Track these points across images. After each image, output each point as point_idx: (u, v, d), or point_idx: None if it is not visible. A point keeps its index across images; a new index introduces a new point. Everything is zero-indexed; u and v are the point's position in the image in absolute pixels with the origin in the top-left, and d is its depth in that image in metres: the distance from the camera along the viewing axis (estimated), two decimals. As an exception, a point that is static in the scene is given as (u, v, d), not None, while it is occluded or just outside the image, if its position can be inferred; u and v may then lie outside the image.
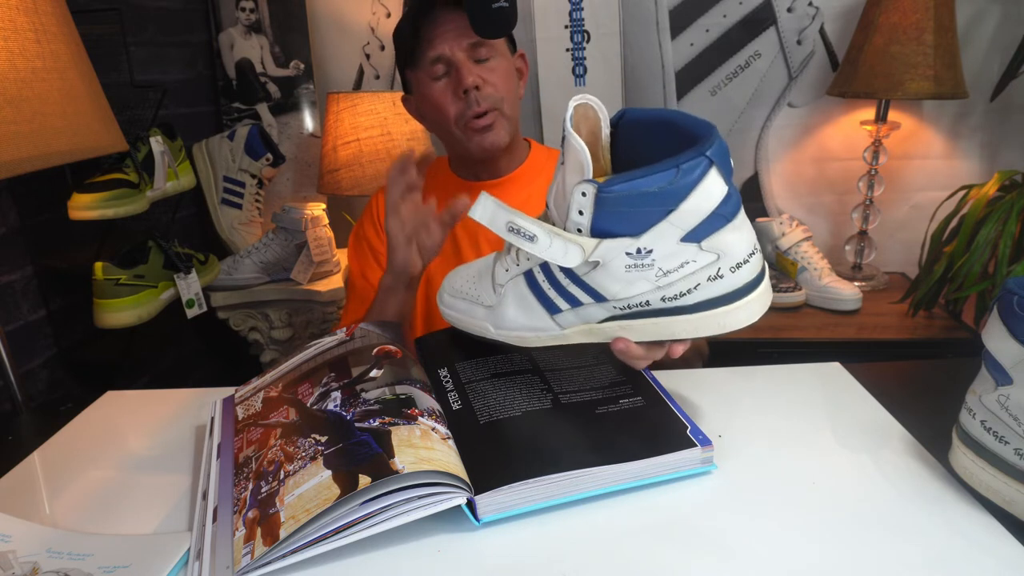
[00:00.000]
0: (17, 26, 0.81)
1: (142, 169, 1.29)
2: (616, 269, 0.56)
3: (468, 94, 0.90)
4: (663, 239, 0.53)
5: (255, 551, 0.51)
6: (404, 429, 0.57)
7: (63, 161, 0.86)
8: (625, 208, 0.52)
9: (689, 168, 0.50)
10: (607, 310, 0.59)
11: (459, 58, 0.90)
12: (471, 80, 0.89)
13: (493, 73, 0.92)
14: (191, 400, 0.81)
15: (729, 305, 0.56)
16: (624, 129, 0.60)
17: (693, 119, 0.54)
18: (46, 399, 1.27)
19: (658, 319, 0.58)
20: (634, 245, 0.54)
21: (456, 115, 0.92)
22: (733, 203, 0.53)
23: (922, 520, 0.56)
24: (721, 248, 0.54)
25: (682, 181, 0.51)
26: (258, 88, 1.81)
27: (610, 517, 0.57)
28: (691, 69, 1.73)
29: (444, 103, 0.92)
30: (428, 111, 0.97)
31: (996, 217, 1.32)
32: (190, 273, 1.42)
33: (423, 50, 0.91)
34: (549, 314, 0.62)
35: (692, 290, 0.55)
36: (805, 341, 1.45)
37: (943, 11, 1.41)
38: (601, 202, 0.53)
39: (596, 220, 0.54)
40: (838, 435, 0.68)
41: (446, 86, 0.92)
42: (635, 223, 0.53)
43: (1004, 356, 0.54)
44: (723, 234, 0.53)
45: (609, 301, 0.58)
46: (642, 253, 0.54)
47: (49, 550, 0.55)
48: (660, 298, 0.56)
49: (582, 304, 0.60)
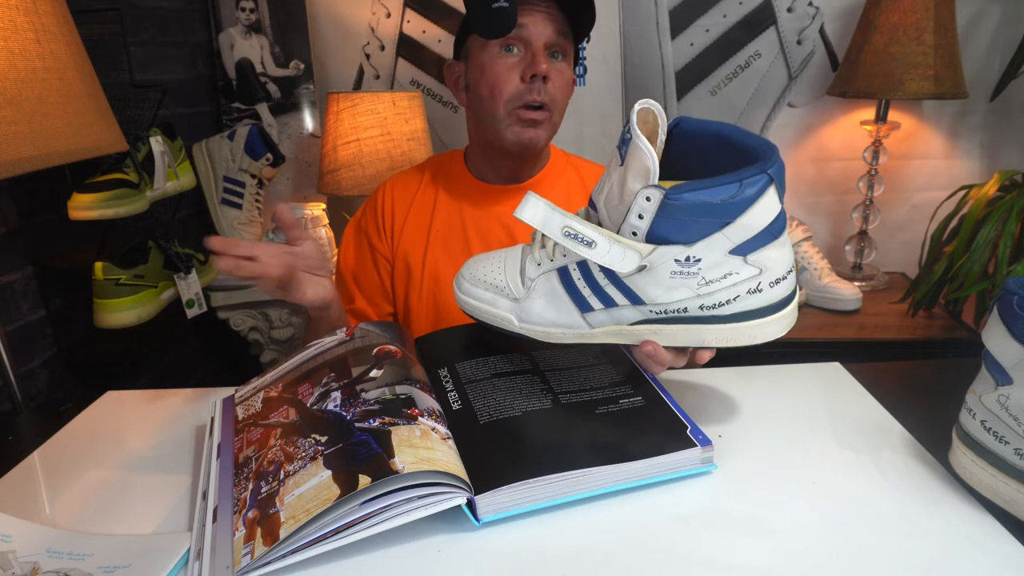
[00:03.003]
0: (17, 26, 0.81)
1: (142, 169, 1.29)
2: (661, 275, 0.56)
3: (534, 80, 0.88)
4: (713, 250, 0.54)
5: (255, 551, 0.51)
6: (404, 429, 0.57)
7: (63, 161, 0.86)
8: (685, 217, 0.53)
9: (751, 183, 0.51)
10: (642, 313, 0.59)
11: (540, 44, 0.89)
12: (544, 68, 0.87)
13: (561, 75, 0.91)
14: (191, 400, 0.81)
15: (762, 319, 0.57)
16: (678, 137, 0.60)
17: (752, 136, 0.55)
18: (46, 399, 1.27)
19: (691, 326, 0.58)
20: (685, 253, 0.54)
21: (512, 95, 0.89)
22: (781, 221, 0.54)
23: (922, 520, 0.56)
24: (764, 263, 0.54)
25: (742, 196, 0.52)
26: (258, 88, 1.81)
27: (610, 517, 0.57)
28: (691, 69, 1.73)
29: (506, 79, 0.89)
30: (480, 82, 0.92)
31: (996, 217, 1.33)
32: (190, 273, 1.42)
33: None
34: (580, 312, 0.62)
35: (731, 301, 0.56)
36: (805, 341, 1.45)
37: (943, 11, 1.42)
38: (664, 208, 0.53)
39: (654, 226, 0.54)
40: (838, 435, 0.68)
41: (514, 64, 0.89)
42: (691, 232, 0.54)
43: (1004, 356, 0.54)
44: (769, 250, 0.54)
45: (647, 305, 0.58)
46: (691, 261, 0.55)
47: (49, 550, 0.55)
48: (699, 306, 0.57)
49: (617, 305, 0.60)
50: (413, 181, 1.02)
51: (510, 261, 0.67)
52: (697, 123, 0.59)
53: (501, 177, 0.98)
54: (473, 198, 0.98)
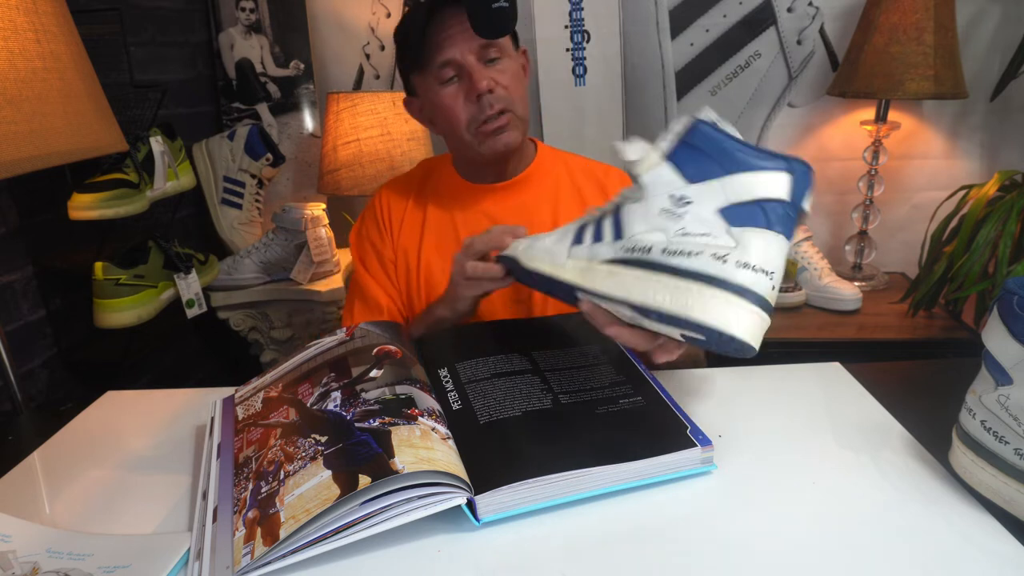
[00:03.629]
0: (17, 26, 0.81)
1: (142, 169, 1.29)
2: (653, 207, 0.57)
3: (481, 98, 0.88)
4: (706, 198, 0.55)
5: (255, 551, 0.51)
6: (404, 429, 0.57)
7: (63, 161, 0.86)
8: (701, 146, 0.55)
9: (768, 157, 0.54)
10: (614, 251, 0.60)
11: (470, 61, 0.88)
12: (485, 84, 0.87)
13: (504, 75, 0.90)
14: (191, 400, 0.81)
15: (711, 288, 0.53)
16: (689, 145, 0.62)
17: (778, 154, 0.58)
18: (46, 399, 1.27)
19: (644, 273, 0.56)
20: (681, 190, 0.56)
21: (468, 120, 0.90)
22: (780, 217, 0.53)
23: (922, 520, 0.56)
24: (743, 240, 0.53)
25: (755, 160, 0.54)
26: (258, 88, 1.81)
27: (610, 517, 0.57)
28: (691, 69, 1.73)
29: (455, 108, 0.90)
30: (436, 116, 0.95)
31: (996, 217, 1.33)
32: (190, 273, 1.42)
33: (431, 54, 0.89)
34: (571, 244, 0.64)
35: (693, 254, 0.54)
36: (805, 341, 1.45)
37: (943, 11, 1.41)
38: (689, 134, 0.56)
39: (675, 150, 0.57)
40: (838, 435, 0.69)
41: (457, 91, 0.90)
42: (697, 168, 0.55)
43: (1004, 356, 0.54)
44: (754, 232, 0.53)
45: (623, 239, 0.59)
46: (682, 201, 0.56)
47: (49, 550, 0.55)
48: (662, 250, 0.56)
49: (601, 240, 0.61)
50: (405, 186, 1.03)
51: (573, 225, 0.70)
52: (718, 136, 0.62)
53: (488, 178, 0.99)
54: (462, 199, 0.98)
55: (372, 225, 1.03)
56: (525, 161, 1.00)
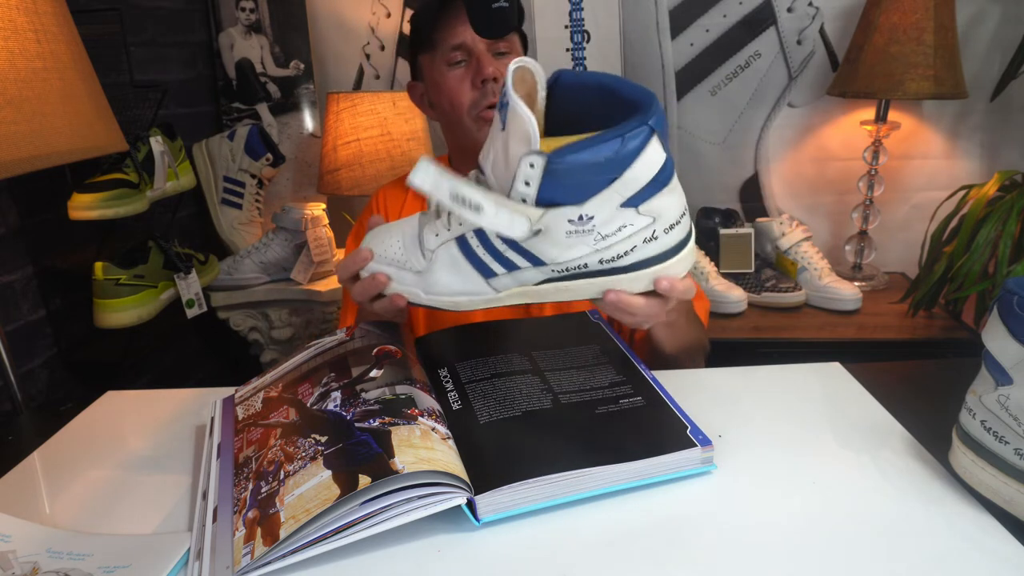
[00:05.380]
0: (17, 26, 0.81)
1: (142, 169, 1.29)
2: (557, 235, 0.56)
3: (486, 84, 0.90)
4: (605, 206, 0.54)
5: (255, 551, 0.51)
6: (404, 429, 0.57)
7: (63, 161, 0.86)
8: (572, 179, 0.53)
9: (632, 136, 0.51)
10: (544, 273, 0.59)
11: (480, 48, 0.90)
12: (491, 71, 0.89)
13: None
14: (191, 400, 0.81)
15: (662, 264, 0.58)
16: (559, 91, 0.60)
17: (631, 85, 0.55)
18: (46, 399, 1.27)
19: (594, 280, 0.59)
20: (577, 212, 0.54)
21: (470, 104, 0.92)
22: (668, 168, 0.54)
23: (922, 520, 0.56)
24: (657, 211, 0.55)
25: (626, 150, 0.51)
26: (258, 88, 1.81)
27: (610, 517, 0.57)
28: (691, 69, 1.73)
29: (459, 91, 0.92)
30: (439, 98, 0.96)
31: (996, 217, 1.32)
32: (190, 273, 1.42)
33: (443, 35, 0.91)
34: (484, 278, 0.62)
35: (629, 252, 0.57)
36: (805, 341, 1.45)
37: (943, 11, 1.41)
38: (550, 173, 0.53)
39: (542, 190, 0.54)
40: (838, 435, 0.69)
41: (463, 74, 0.92)
42: (580, 192, 0.54)
43: (1004, 356, 0.54)
44: (659, 198, 0.55)
45: (547, 265, 0.58)
46: (584, 220, 0.55)
47: (49, 550, 0.55)
48: (598, 260, 0.57)
49: (519, 268, 0.59)
50: (402, 188, 1.04)
51: (407, 233, 0.66)
52: (577, 76, 0.59)
53: None
54: None
55: None
56: None
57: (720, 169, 1.80)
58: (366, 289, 0.68)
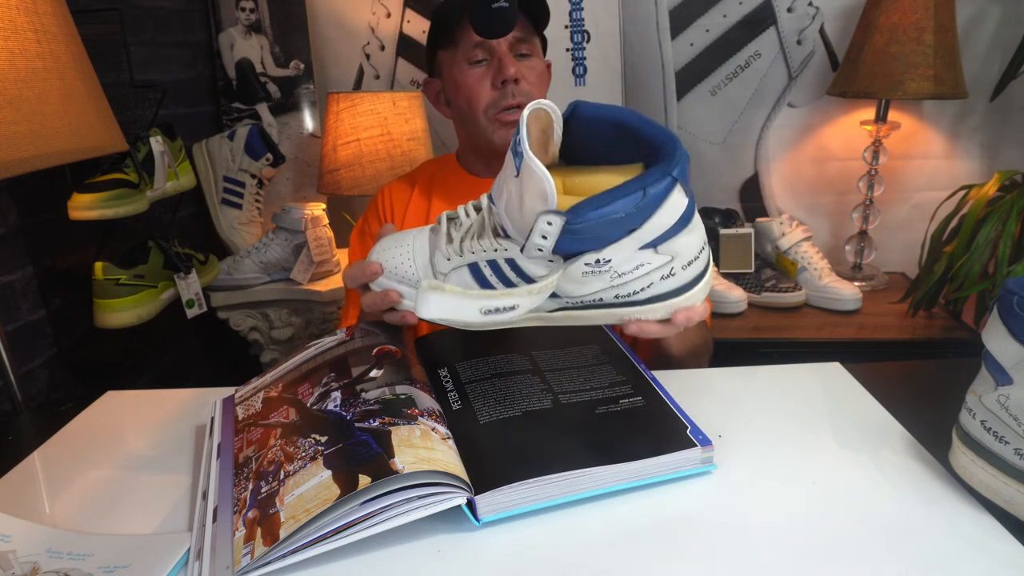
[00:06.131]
0: (17, 26, 0.81)
1: (142, 169, 1.29)
2: (573, 275, 0.56)
3: (506, 85, 0.90)
4: (623, 250, 0.54)
5: (255, 551, 0.51)
6: (404, 429, 0.57)
7: (63, 161, 0.86)
8: (592, 233, 0.52)
9: (654, 188, 0.50)
10: (558, 303, 0.59)
11: (502, 49, 0.90)
12: (513, 71, 0.89)
13: (531, 71, 0.93)
14: (191, 400, 0.81)
15: (678, 297, 0.58)
16: (575, 123, 0.58)
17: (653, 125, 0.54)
18: (46, 399, 1.27)
19: (609, 311, 0.59)
20: (595, 257, 0.55)
21: (488, 104, 0.92)
22: (690, 210, 0.53)
23: (922, 520, 0.56)
24: (675, 251, 0.55)
25: (647, 202, 0.51)
26: (258, 88, 1.81)
27: (610, 517, 0.57)
28: (691, 69, 1.73)
29: (478, 90, 0.92)
30: (456, 96, 0.96)
31: (996, 217, 1.32)
32: (190, 273, 1.42)
33: (466, 33, 0.91)
34: None
35: (645, 288, 0.57)
36: (805, 341, 1.45)
37: (943, 11, 1.41)
38: (568, 232, 0.52)
39: (560, 244, 0.53)
40: (838, 435, 0.68)
41: (483, 73, 0.92)
42: (600, 241, 0.53)
43: (1004, 356, 0.54)
44: (679, 239, 0.54)
45: (562, 298, 0.59)
46: (601, 263, 0.55)
47: (49, 550, 0.55)
48: (614, 296, 0.57)
49: None
50: (408, 185, 1.04)
51: (418, 251, 0.65)
52: (594, 108, 0.57)
53: (493, 172, 0.99)
54: (468, 193, 0.99)
55: (375, 221, 1.03)
56: None
57: (720, 169, 1.81)
58: (377, 303, 0.67)
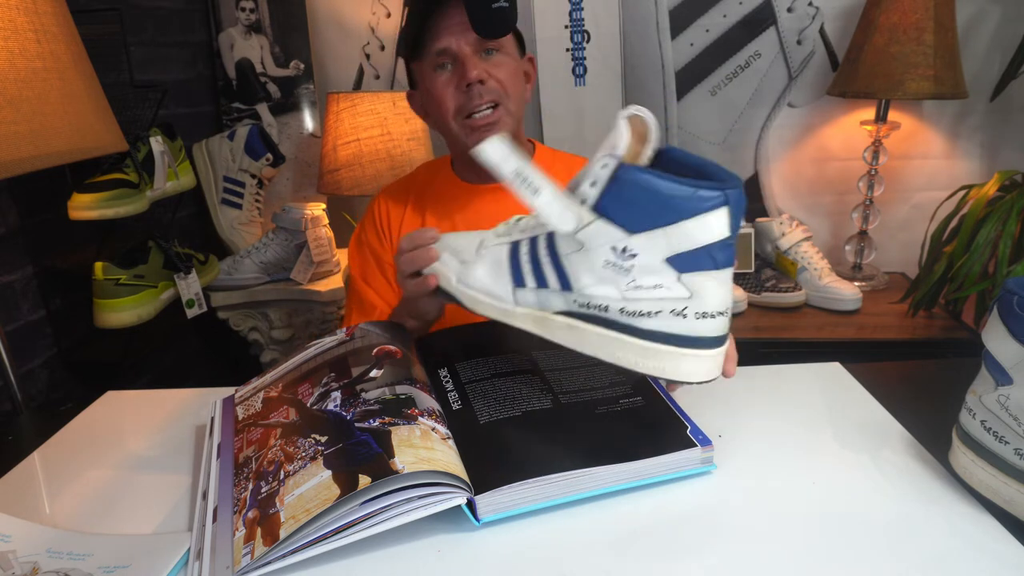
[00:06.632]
0: (17, 26, 0.81)
1: (142, 169, 1.29)
2: (596, 259, 0.55)
3: (471, 88, 0.89)
4: (650, 249, 0.53)
5: (255, 551, 0.51)
6: (404, 429, 0.57)
7: (63, 161, 0.86)
8: (632, 196, 0.52)
9: (705, 193, 0.51)
10: (566, 303, 0.58)
11: (465, 52, 0.89)
12: (475, 74, 0.88)
13: (499, 69, 0.91)
14: (191, 400, 0.81)
15: (681, 348, 0.54)
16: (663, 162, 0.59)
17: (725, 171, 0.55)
18: (46, 399, 1.27)
19: (608, 332, 0.56)
20: (623, 242, 0.53)
21: (456, 109, 0.91)
22: (726, 254, 0.53)
23: (922, 520, 0.56)
24: (697, 289, 0.53)
25: (693, 201, 0.51)
26: (258, 88, 1.81)
27: (610, 517, 0.57)
28: (691, 69, 1.73)
29: (445, 95, 0.91)
30: (430, 104, 0.95)
31: (996, 217, 1.32)
32: (190, 273, 1.42)
33: (429, 41, 0.90)
34: (513, 286, 0.61)
35: (652, 314, 0.54)
36: (805, 341, 1.45)
37: (943, 11, 1.41)
38: (615, 181, 0.53)
39: (603, 197, 0.53)
40: (838, 435, 0.69)
41: (449, 79, 0.91)
42: (634, 219, 0.53)
43: (1004, 356, 0.54)
44: (704, 276, 0.53)
45: (573, 293, 0.57)
46: (626, 254, 0.54)
47: (49, 550, 0.55)
48: (620, 309, 0.55)
49: (547, 287, 0.59)
50: (404, 190, 1.03)
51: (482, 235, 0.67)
52: (683, 155, 0.58)
53: (484, 178, 0.98)
54: (462, 200, 0.99)
55: (371, 231, 1.03)
56: None
57: (720, 169, 1.80)
58: (415, 260, 0.70)
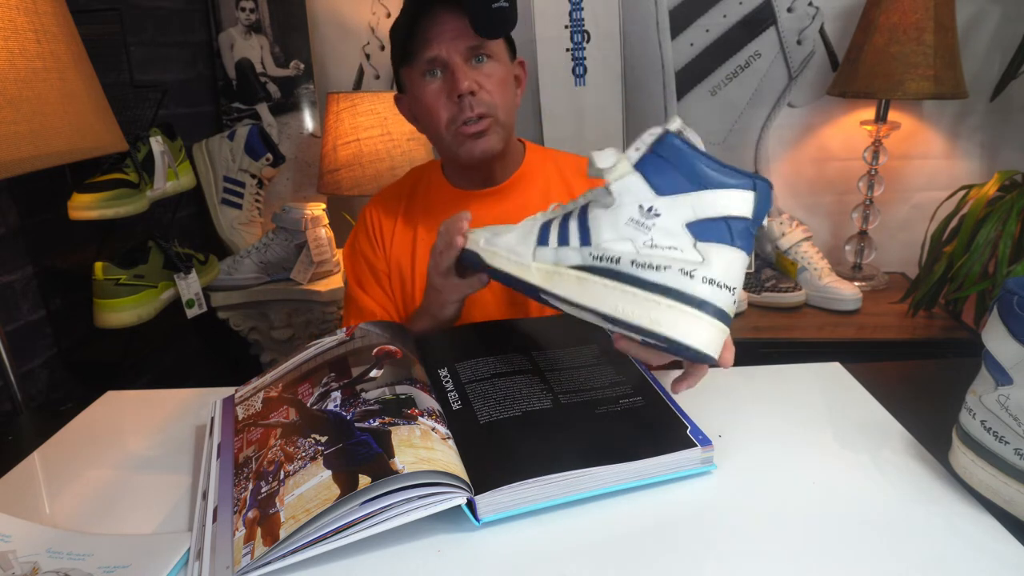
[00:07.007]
0: (17, 26, 0.81)
1: (142, 169, 1.29)
2: (621, 216, 0.57)
3: (462, 99, 0.87)
4: (674, 212, 0.55)
5: (255, 551, 0.51)
6: (404, 429, 0.57)
7: (63, 161, 0.86)
8: (670, 162, 0.56)
9: (734, 174, 0.55)
10: (581, 256, 0.59)
11: (455, 61, 0.87)
12: (466, 85, 0.86)
13: (489, 79, 0.90)
14: (191, 400, 0.81)
15: (681, 304, 0.55)
16: None
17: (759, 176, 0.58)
18: (46, 399, 1.27)
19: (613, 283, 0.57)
20: (650, 201, 0.56)
21: (448, 119, 0.89)
22: (745, 239, 0.55)
23: (922, 520, 0.56)
24: (709, 257, 0.55)
25: (721, 177, 0.55)
26: (258, 88, 1.81)
27: (610, 517, 0.57)
28: (691, 69, 1.73)
29: (436, 106, 0.89)
30: (419, 112, 0.94)
31: (996, 217, 1.33)
32: (190, 273, 1.42)
33: (419, 49, 0.89)
34: (536, 244, 0.63)
35: (661, 268, 0.56)
36: (805, 341, 1.45)
37: (943, 11, 1.41)
38: (659, 143, 0.56)
39: (644, 158, 0.57)
40: (838, 435, 0.69)
41: (440, 88, 0.89)
42: (666, 182, 0.56)
43: (1004, 356, 0.54)
44: (719, 248, 0.54)
45: (591, 247, 0.59)
46: (651, 212, 0.56)
47: (49, 550, 0.55)
48: (631, 261, 0.57)
49: (568, 244, 0.60)
50: (395, 198, 1.03)
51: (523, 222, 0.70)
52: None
53: (476, 184, 0.98)
54: (452, 208, 0.98)
55: (364, 240, 1.02)
56: (513, 164, 0.99)
57: (720, 169, 1.80)
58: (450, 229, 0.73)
